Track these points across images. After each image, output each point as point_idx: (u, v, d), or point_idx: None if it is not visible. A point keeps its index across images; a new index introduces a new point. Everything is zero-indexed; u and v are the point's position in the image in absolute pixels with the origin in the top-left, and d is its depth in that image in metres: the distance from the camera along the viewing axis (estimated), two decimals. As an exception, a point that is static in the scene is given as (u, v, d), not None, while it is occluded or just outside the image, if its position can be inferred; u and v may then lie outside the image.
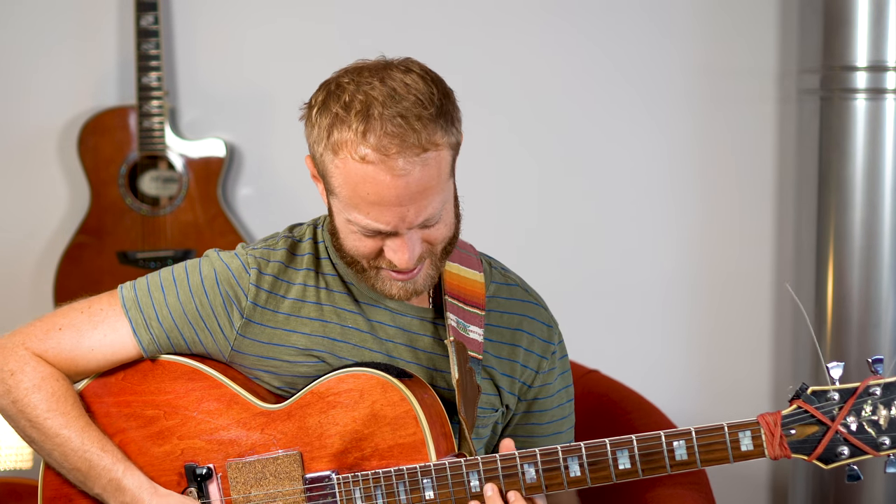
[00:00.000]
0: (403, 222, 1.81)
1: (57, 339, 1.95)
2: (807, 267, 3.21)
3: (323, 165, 1.83)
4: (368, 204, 1.80)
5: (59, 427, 1.92)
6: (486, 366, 2.00)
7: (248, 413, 1.92)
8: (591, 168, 3.40)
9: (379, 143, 1.77)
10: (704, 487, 2.34)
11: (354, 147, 1.78)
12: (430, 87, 1.81)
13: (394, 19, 3.36)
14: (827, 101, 3.11)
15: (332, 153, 1.80)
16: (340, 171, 1.80)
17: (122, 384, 1.97)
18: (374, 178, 1.78)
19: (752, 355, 3.42)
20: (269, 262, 1.96)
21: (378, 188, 1.78)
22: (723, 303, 3.42)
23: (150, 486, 1.92)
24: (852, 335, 3.11)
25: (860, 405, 1.73)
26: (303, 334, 1.95)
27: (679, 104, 3.37)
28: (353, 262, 1.90)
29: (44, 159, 3.40)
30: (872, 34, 3.04)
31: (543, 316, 2.06)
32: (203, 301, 1.94)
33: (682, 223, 3.41)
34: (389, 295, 1.90)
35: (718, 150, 3.39)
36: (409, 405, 1.86)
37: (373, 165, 1.77)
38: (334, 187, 1.83)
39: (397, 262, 1.84)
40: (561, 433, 2.07)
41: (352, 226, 1.84)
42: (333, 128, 1.79)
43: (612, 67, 3.37)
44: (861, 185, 3.08)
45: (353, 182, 1.79)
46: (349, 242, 1.87)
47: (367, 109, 1.78)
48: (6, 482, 2.95)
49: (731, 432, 1.76)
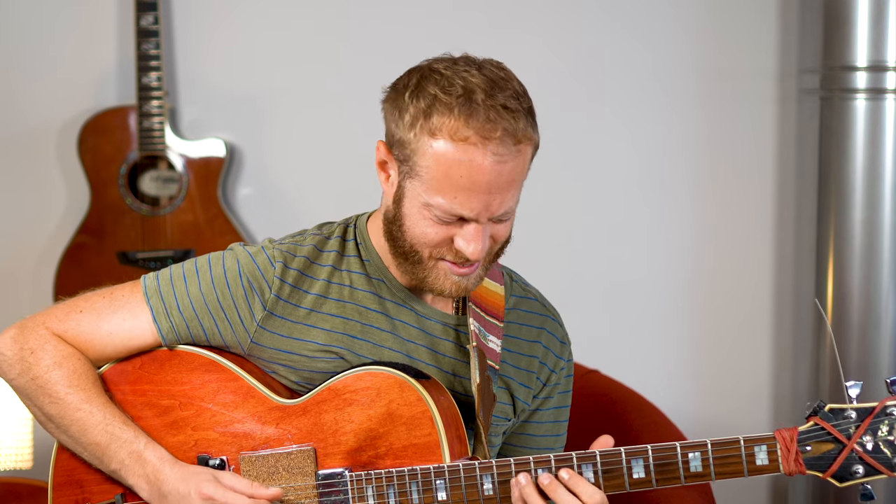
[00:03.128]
0: (487, 210, 1.82)
1: (77, 321, 1.95)
2: (807, 267, 3.21)
3: (409, 147, 1.83)
4: (458, 188, 1.80)
5: (80, 401, 1.92)
6: (503, 375, 2.00)
7: (263, 407, 1.92)
8: (592, 168, 3.40)
9: (482, 127, 1.79)
10: (705, 488, 2.34)
11: (456, 129, 1.79)
12: (521, 84, 1.86)
13: (394, 20, 3.36)
14: (827, 101, 3.11)
15: (429, 135, 1.81)
16: (435, 152, 1.81)
17: (139, 372, 1.97)
18: (471, 161, 1.79)
19: (752, 355, 3.42)
20: (294, 257, 1.96)
21: (473, 172, 1.79)
22: (723, 303, 3.42)
23: (171, 458, 1.91)
24: (852, 335, 3.11)
25: (877, 425, 1.73)
26: (323, 330, 1.95)
27: (679, 104, 3.38)
28: (412, 253, 1.88)
29: (44, 159, 3.40)
30: (872, 34, 3.04)
31: (559, 332, 2.07)
32: (225, 292, 1.94)
33: (682, 223, 3.41)
34: (440, 290, 1.89)
35: (719, 151, 3.39)
36: (426, 406, 1.85)
37: (473, 148, 1.79)
38: (421, 169, 1.83)
39: (469, 252, 1.84)
40: (551, 449, 2.07)
41: (430, 211, 1.84)
42: (433, 109, 1.81)
43: (611, 67, 3.37)
44: (861, 185, 3.08)
45: (448, 164, 1.80)
46: (419, 229, 1.86)
47: (469, 94, 1.80)
48: (6, 482, 2.95)
49: (746, 446, 1.76)
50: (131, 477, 1.91)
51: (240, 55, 3.40)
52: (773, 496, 3.44)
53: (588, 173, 3.40)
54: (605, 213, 3.41)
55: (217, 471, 1.90)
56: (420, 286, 1.92)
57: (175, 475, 1.89)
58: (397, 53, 3.27)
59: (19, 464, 2.85)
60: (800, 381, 3.27)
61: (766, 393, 3.42)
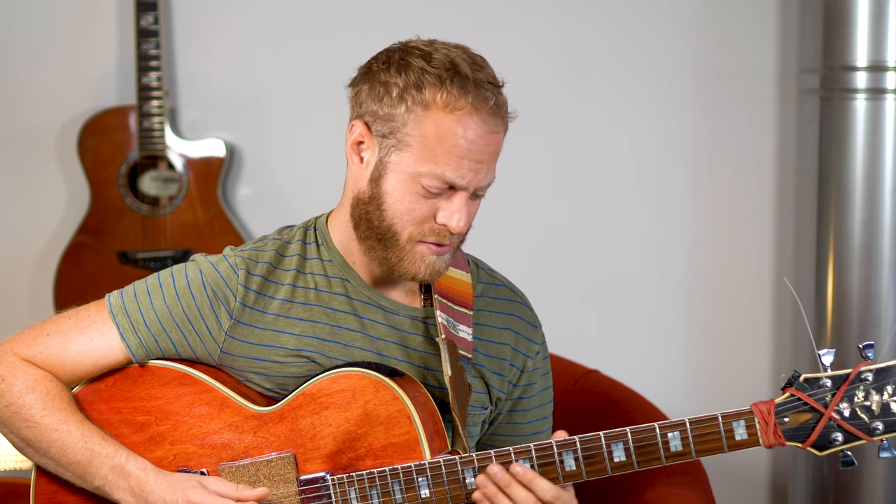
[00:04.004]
0: (475, 178, 1.86)
1: (45, 344, 1.94)
2: (807, 266, 3.21)
3: (398, 120, 1.85)
4: (450, 155, 1.83)
5: (57, 422, 1.91)
6: (476, 364, 2.00)
7: (239, 416, 1.92)
8: (592, 167, 3.40)
9: (476, 97, 1.83)
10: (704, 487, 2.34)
11: (450, 99, 1.83)
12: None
13: (394, 20, 3.36)
14: (827, 101, 3.11)
15: (422, 106, 1.84)
16: (426, 122, 1.83)
17: (112, 391, 1.96)
18: (465, 130, 1.83)
19: (752, 355, 3.42)
20: (257, 264, 1.96)
21: (465, 141, 1.83)
22: (723, 302, 3.42)
23: (154, 468, 1.91)
24: (852, 335, 3.11)
25: (853, 391, 1.74)
26: (292, 335, 1.94)
27: (679, 104, 3.38)
28: (389, 235, 1.89)
29: (44, 159, 3.40)
30: (872, 34, 3.04)
31: (529, 316, 2.07)
32: (190, 303, 1.94)
33: (682, 223, 3.41)
34: (413, 274, 1.89)
35: (718, 151, 3.39)
36: (402, 404, 1.86)
37: (468, 117, 1.83)
38: (412, 139, 1.85)
39: (453, 224, 1.86)
40: (540, 433, 2.08)
41: (417, 183, 1.85)
42: (423, 80, 1.84)
43: (611, 68, 3.37)
44: (861, 185, 3.08)
45: (442, 133, 1.83)
46: (402, 205, 1.87)
47: (455, 67, 1.84)
48: (6, 482, 2.95)
49: (724, 422, 1.77)
50: (116, 492, 1.91)
51: (240, 55, 3.40)
52: (773, 496, 3.44)
53: (588, 173, 3.40)
54: (604, 213, 3.41)
55: (202, 476, 1.90)
56: (389, 273, 1.92)
57: (160, 485, 1.89)
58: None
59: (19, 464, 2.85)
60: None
61: (765, 392, 3.42)
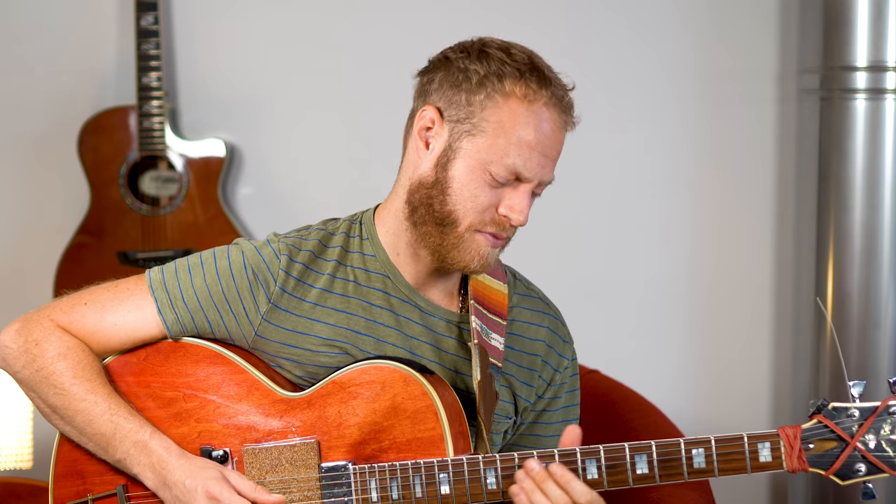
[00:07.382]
0: (541, 172, 1.90)
1: (81, 313, 1.96)
2: (807, 267, 3.21)
3: (476, 105, 1.88)
4: (523, 146, 1.87)
5: (85, 392, 1.92)
6: (505, 373, 2.01)
7: (267, 399, 1.93)
8: (592, 167, 3.39)
9: (553, 92, 1.89)
10: (704, 487, 2.34)
11: (530, 91, 1.87)
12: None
13: (394, 20, 3.36)
14: (827, 101, 3.12)
15: (501, 94, 1.87)
16: (503, 110, 1.87)
17: (143, 364, 1.97)
18: (539, 122, 1.88)
19: (752, 355, 3.42)
20: (300, 251, 1.97)
21: (539, 133, 1.88)
22: (723, 303, 3.42)
23: (178, 450, 1.91)
24: (852, 335, 3.11)
25: (880, 424, 1.75)
26: (327, 325, 1.95)
27: (679, 104, 3.38)
28: (450, 221, 1.90)
29: (44, 159, 3.40)
30: (872, 34, 3.04)
31: (562, 330, 2.08)
32: (230, 284, 1.95)
33: (682, 223, 3.41)
34: (466, 264, 1.91)
35: (719, 151, 3.39)
36: (431, 400, 1.86)
37: (544, 110, 1.88)
38: (488, 125, 1.87)
39: (514, 216, 1.89)
40: None
41: (486, 171, 1.87)
42: (504, 71, 1.88)
43: (611, 68, 3.37)
44: (861, 185, 3.08)
45: (516, 122, 1.87)
46: (468, 191, 1.88)
47: (532, 62, 1.90)
48: (6, 482, 2.95)
49: (750, 443, 1.77)
50: (136, 466, 1.91)
51: (240, 55, 3.40)
52: (773, 496, 3.44)
53: (588, 173, 3.40)
54: (604, 213, 3.41)
55: (224, 468, 1.90)
56: (440, 261, 1.93)
57: (181, 468, 1.89)
58: (397, 53, 3.28)
59: (19, 464, 2.85)
60: (800, 381, 3.27)
61: (766, 393, 3.42)
